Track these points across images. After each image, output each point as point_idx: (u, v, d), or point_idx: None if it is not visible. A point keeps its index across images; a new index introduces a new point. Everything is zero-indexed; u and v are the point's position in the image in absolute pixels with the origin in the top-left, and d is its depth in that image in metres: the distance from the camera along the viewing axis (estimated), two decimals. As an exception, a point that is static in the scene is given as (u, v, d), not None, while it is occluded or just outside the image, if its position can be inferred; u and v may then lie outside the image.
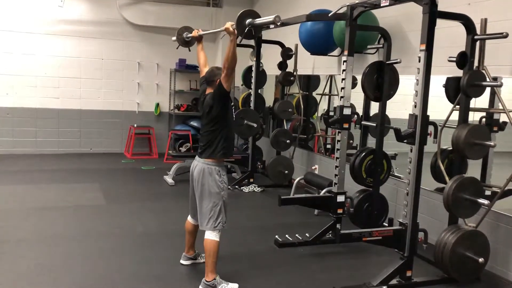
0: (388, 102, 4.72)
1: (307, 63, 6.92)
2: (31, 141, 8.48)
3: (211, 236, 3.42)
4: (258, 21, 3.26)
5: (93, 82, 8.78)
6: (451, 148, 4.69)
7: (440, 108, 4.16)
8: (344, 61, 4.37)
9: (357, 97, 6.77)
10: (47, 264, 3.87)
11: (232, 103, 3.54)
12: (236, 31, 3.23)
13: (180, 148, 9.04)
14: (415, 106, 3.52)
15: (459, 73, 3.85)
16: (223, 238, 3.53)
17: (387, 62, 4.58)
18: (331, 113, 7.55)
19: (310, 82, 7.51)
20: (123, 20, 8.77)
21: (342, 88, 4.39)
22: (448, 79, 4.51)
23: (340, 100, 4.43)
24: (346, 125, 4.41)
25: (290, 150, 6.90)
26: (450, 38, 4.26)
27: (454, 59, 3.76)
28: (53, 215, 5.18)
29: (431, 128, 3.89)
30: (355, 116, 5.71)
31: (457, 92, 4.47)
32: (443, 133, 4.09)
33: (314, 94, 7.47)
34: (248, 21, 3.24)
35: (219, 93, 3.37)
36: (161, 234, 4.72)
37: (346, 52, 4.35)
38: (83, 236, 4.55)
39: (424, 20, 3.44)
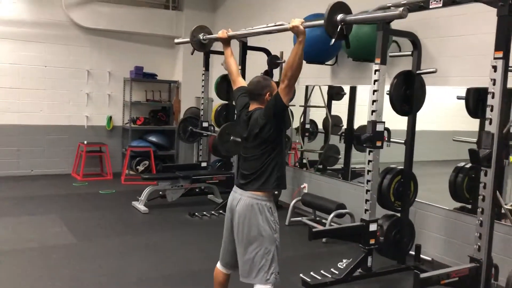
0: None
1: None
2: (-43, 164, 7.11)
3: (262, 291, 2.69)
4: (365, 16, 2.40)
5: (35, 93, 7.55)
6: (470, 165, 4.44)
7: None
8: (375, 71, 3.86)
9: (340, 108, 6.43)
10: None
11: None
12: (304, 30, 2.50)
13: (138, 167, 8.06)
14: (490, 123, 3.05)
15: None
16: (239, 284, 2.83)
17: (417, 72, 4.11)
18: (307, 126, 7.16)
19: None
20: (70, 22, 7.63)
21: (374, 100, 3.87)
22: (469, 90, 4.19)
23: (372, 114, 3.89)
24: (379, 143, 3.89)
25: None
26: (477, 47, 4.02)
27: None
28: (15, 262, 4.09)
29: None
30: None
31: (478, 104, 4.20)
32: (456, 147, 3.79)
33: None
34: (339, 16, 2.43)
35: (275, 108, 2.65)
36: (163, 280, 3.86)
37: (377, 60, 3.85)
38: (63, 290, 3.58)
39: (499, 23, 3.00)
